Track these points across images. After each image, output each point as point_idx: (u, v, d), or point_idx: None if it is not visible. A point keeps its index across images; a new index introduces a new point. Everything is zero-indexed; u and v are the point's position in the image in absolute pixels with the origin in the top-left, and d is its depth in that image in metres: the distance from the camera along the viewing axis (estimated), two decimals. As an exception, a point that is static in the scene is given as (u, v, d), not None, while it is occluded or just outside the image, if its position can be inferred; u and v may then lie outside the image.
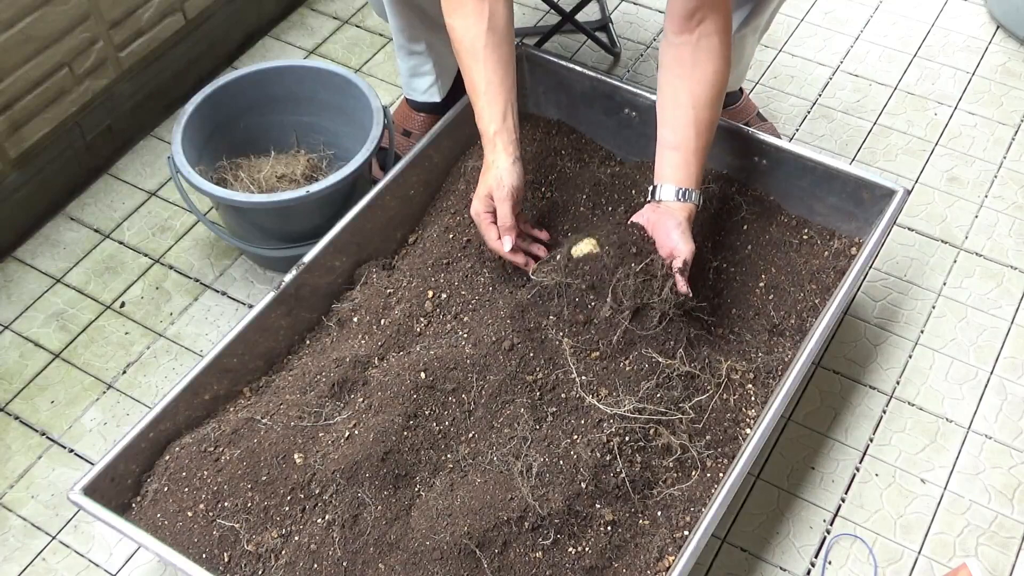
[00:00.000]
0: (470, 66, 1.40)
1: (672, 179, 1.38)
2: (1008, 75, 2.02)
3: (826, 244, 1.56)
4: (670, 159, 1.40)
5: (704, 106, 1.39)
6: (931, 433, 1.52)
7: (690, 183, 1.38)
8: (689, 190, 1.37)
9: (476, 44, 1.38)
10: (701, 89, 1.39)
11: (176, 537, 1.24)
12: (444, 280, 1.47)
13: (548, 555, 1.21)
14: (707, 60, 1.38)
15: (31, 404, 1.57)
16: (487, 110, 1.38)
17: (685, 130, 1.38)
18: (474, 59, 1.39)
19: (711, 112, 1.39)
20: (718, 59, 1.39)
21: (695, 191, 1.38)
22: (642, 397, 1.29)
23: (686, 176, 1.38)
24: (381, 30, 2.13)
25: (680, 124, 1.39)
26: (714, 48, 1.38)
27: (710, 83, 1.39)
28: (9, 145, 1.68)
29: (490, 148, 1.39)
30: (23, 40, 1.62)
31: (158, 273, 1.73)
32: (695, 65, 1.39)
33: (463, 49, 1.40)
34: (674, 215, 1.36)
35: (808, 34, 2.12)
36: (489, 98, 1.38)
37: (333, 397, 1.34)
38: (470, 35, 1.39)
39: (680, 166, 1.38)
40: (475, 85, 1.40)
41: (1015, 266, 1.72)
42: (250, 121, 1.76)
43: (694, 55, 1.38)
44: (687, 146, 1.38)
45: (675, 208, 1.37)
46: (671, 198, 1.37)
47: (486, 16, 1.38)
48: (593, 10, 2.14)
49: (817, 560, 1.40)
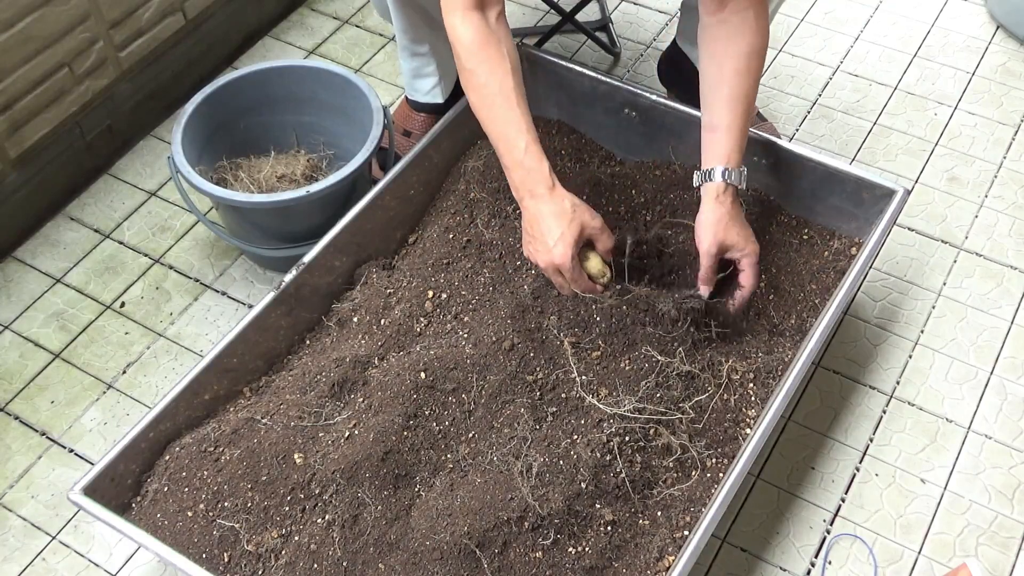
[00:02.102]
0: (504, 108, 1.33)
1: (707, 161, 1.39)
2: (1008, 75, 2.02)
3: (826, 244, 1.56)
4: (707, 142, 1.40)
5: (736, 75, 1.37)
6: (931, 433, 1.52)
7: (723, 160, 1.37)
8: (722, 169, 1.37)
9: (505, 85, 1.33)
10: (733, 63, 1.38)
11: (176, 537, 1.24)
12: (444, 280, 1.47)
13: (548, 555, 1.21)
14: (740, 34, 1.37)
15: (31, 404, 1.57)
16: (534, 146, 1.32)
17: (719, 107, 1.38)
18: (508, 100, 1.33)
19: (745, 81, 1.38)
20: (752, 32, 1.38)
21: (732, 169, 1.37)
22: (642, 397, 1.29)
23: (720, 154, 1.38)
24: (381, 30, 2.13)
25: (715, 102, 1.39)
26: (747, 21, 1.37)
27: (744, 54, 1.38)
28: (9, 145, 1.68)
29: (545, 185, 1.32)
30: (23, 40, 1.62)
31: (158, 273, 1.73)
32: (728, 41, 1.38)
33: (491, 93, 1.34)
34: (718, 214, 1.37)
35: (808, 34, 2.12)
36: (534, 135, 1.33)
37: (333, 397, 1.34)
38: (496, 78, 1.33)
39: (712, 145, 1.39)
40: (519, 125, 1.33)
41: (1015, 266, 1.72)
42: (250, 121, 1.76)
43: (728, 33, 1.38)
44: (721, 123, 1.38)
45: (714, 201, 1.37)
46: (709, 181, 1.37)
47: (508, 62, 1.34)
48: (593, 10, 2.14)
49: (817, 560, 1.40)
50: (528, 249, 1.36)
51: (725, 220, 1.37)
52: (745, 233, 1.39)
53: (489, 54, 1.33)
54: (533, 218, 1.33)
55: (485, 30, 1.34)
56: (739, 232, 1.39)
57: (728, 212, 1.37)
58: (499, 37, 1.35)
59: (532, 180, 1.32)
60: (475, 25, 1.33)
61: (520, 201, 1.35)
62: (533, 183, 1.32)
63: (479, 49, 1.33)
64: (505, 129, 1.33)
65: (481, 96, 1.34)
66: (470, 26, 1.33)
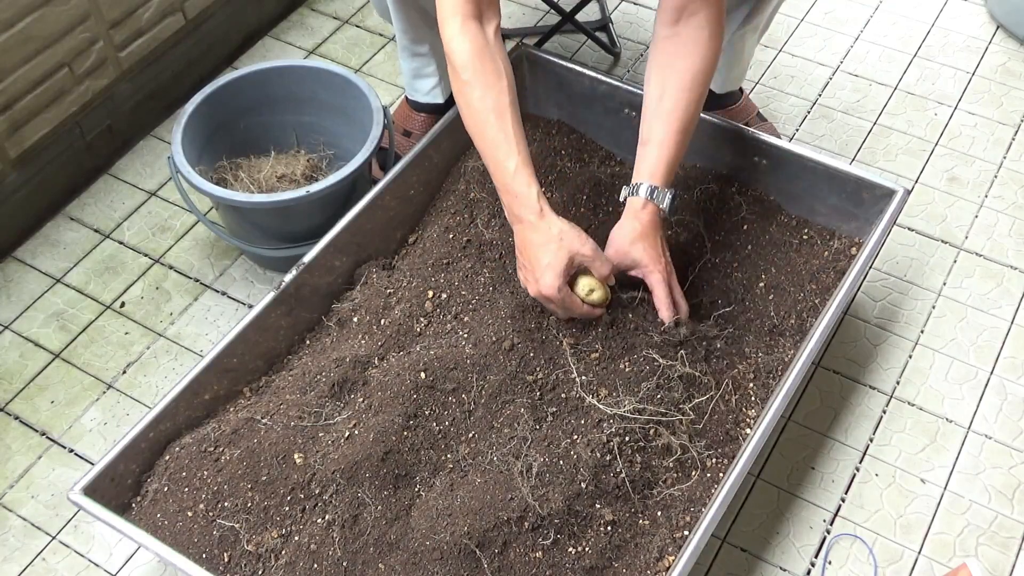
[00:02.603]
0: (497, 126, 1.29)
1: (635, 175, 1.36)
2: (1008, 75, 2.02)
3: (826, 244, 1.56)
4: (638, 156, 1.37)
5: (678, 92, 1.35)
6: (931, 433, 1.52)
7: (648, 176, 1.34)
8: (647, 186, 1.33)
9: (501, 102, 1.30)
10: (677, 79, 1.35)
11: (176, 537, 1.24)
12: (444, 280, 1.47)
13: (548, 555, 1.21)
14: (689, 53, 1.35)
15: (31, 404, 1.57)
16: (523, 168, 1.28)
17: (655, 121, 1.36)
18: (502, 118, 1.29)
19: (685, 98, 1.35)
20: (702, 51, 1.35)
21: (657, 187, 1.34)
22: (642, 397, 1.29)
23: (646, 170, 1.35)
24: (381, 30, 2.13)
25: (651, 116, 1.37)
26: (701, 40, 1.35)
27: (689, 72, 1.35)
28: (9, 145, 1.68)
29: (533, 211, 1.28)
30: (23, 40, 1.62)
31: (158, 273, 1.73)
32: (676, 57, 1.36)
33: (485, 109, 1.30)
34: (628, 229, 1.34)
35: (808, 34, 2.12)
36: (526, 156, 1.30)
37: (333, 397, 1.34)
38: (492, 94, 1.30)
39: (642, 159, 1.36)
40: (510, 145, 1.29)
41: (1015, 266, 1.72)
42: (250, 121, 1.76)
43: (676, 48, 1.36)
44: (653, 138, 1.36)
45: (631, 216, 1.34)
46: (635, 196, 1.35)
47: (504, 80, 1.31)
48: (593, 10, 2.14)
49: (817, 560, 1.40)
50: (520, 275, 1.34)
51: (633, 236, 1.33)
52: (653, 253, 1.33)
53: (485, 68, 1.30)
54: (522, 245, 1.30)
55: (482, 43, 1.31)
56: (646, 250, 1.33)
57: (641, 229, 1.33)
58: (495, 52, 1.32)
59: (519, 206, 1.29)
60: (472, 37, 1.30)
61: (512, 226, 1.33)
62: (520, 209, 1.29)
63: (476, 63, 1.30)
64: (495, 149, 1.29)
65: (474, 111, 1.31)
66: (467, 38, 1.30)
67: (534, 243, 1.28)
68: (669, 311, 1.33)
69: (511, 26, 2.14)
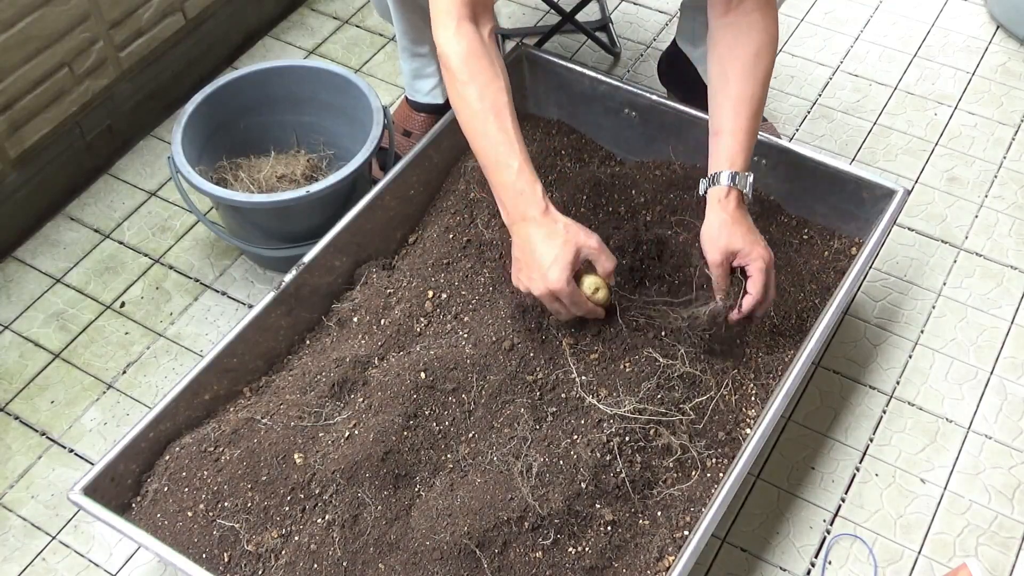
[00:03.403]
0: (496, 126, 1.28)
1: (712, 166, 1.35)
2: (1008, 75, 2.02)
3: (826, 244, 1.56)
4: (712, 147, 1.37)
5: (742, 78, 1.34)
6: (931, 433, 1.52)
7: (727, 164, 1.33)
8: (728, 173, 1.32)
9: (499, 101, 1.28)
10: (738, 65, 1.35)
11: (176, 537, 1.24)
12: (444, 280, 1.47)
13: (548, 555, 1.21)
14: (746, 36, 1.35)
15: (31, 404, 1.57)
16: (526, 167, 1.27)
17: (723, 111, 1.36)
18: (501, 117, 1.28)
19: (750, 84, 1.34)
20: (758, 33, 1.35)
21: (738, 172, 1.32)
22: (642, 397, 1.29)
23: (723, 158, 1.34)
24: (381, 30, 2.13)
25: (719, 106, 1.36)
26: (754, 23, 1.35)
27: (749, 56, 1.34)
28: (9, 145, 1.68)
29: (538, 208, 1.25)
30: (23, 40, 1.62)
31: (158, 273, 1.73)
32: (735, 43, 1.35)
33: (484, 109, 1.28)
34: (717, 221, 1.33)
35: (808, 34, 2.12)
36: (526, 155, 1.28)
37: (333, 397, 1.34)
38: (491, 93, 1.28)
39: (716, 150, 1.36)
40: (512, 145, 1.27)
41: (1015, 266, 1.72)
42: (250, 121, 1.76)
43: (734, 35, 1.35)
44: (725, 127, 1.35)
45: (716, 207, 1.33)
46: (716, 185, 1.33)
47: (501, 80, 1.30)
48: (593, 10, 2.14)
49: (817, 560, 1.40)
50: (519, 278, 1.29)
51: (728, 226, 1.32)
52: (751, 238, 1.32)
53: (483, 68, 1.29)
54: (524, 243, 1.27)
55: (479, 45, 1.29)
56: (744, 237, 1.32)
57: (731, 217, 1.32)
58: (491, 53, 1.31)
59: (524, 203, 1.26)
60: (469, 39, 1.29)
61: (510, 226, 1.29)
62: (525, 206, 1.26)
63: (473, 64, 1.28)
64: (496, 149, 1.27)
65: (473, 112, 1.29)
66: (464, 39, 1.29)
67: (538, 238, 1.25)
68: (761, 300, 1.32)
69: (511, 26, 2.14)
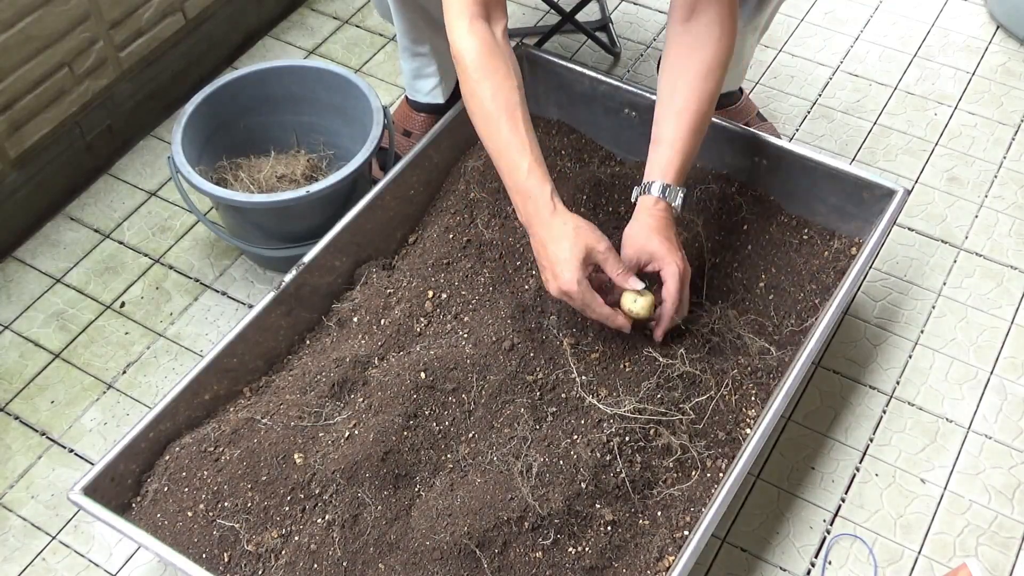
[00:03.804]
0: (509, 126, 1.28)
1: (647, 174, 1.34)
2: (1008, 75, 2.02)
3: (826, 244, 1.56)
4: (650, 155, 1.36)
5: (689, 90, 1.33)
6: (931, 433, 1.52)
7: (660, 175, 1.32)
8: (660, 184, 1.32)
9: (512, 100, 1.28)
10: (689, 76, 1.34)
11: (176, 537, 1.25)
12: (444, 280, 1.47)
13: (548, 555, 1.21)
14: (701, 47, 1.34)
15: (31, 404, 1.57)
16: (537, 168, 1.27)
17: (666, 120, 1.35)
18: (513, 118, 1.28)
19: (697, 96, 1.33)
20: (714, 46, 1.33)
21: (669, 185, 1.32)
22: (642, 397, 1.29)
23: (658, 169, 1.33)
24: (381, 30, 2.13)
25: (663, 115, 1.36)
26: (712, 37, 1.34)
27: (701, 67, 1.33)
28: (9, 145, 1.68)
29: (547, 209, 1.26)
30: (23, 40, 1.62)
31: (158, 273, 1.73)
32: (690, 52, 1.34)
33: (496, 109, 1.28)
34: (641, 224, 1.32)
35: (808, 34, 2.12)
36: (538, 155, 1.28)
37: (333, 397, 1.34)
38: (504, 92, 1.29)
39: (653, 159, 1.35)
40: (523, 145, 1.28)
41: (1015, 266, 1.72)
42: (250, 121, 1.76)
43: (690, 43, 1.35)
44: (665, 136, 1.34)
45: (643, 212, 1.32)
46: (647, 194, 1.33)
47: (514, 79, 1.30)
48: (593, 10, 2.14)
49: (817, 560, 1.40)
50: (544, 277, 1.30)
51: (647, 230, 1.31)
52: (669, 246, 1.30)
53: (496, 67, 1.29)
54: (540, 245, 1.28)
55: (492, 43, 1.30)
56: (662, 243, 1.30)
57: (655, 223, 1.31)
58: (505, 51, 1.31)
59: (535, 206, 1.27)
60: (481, 37, 1.29)
61: (526, 227, 1.31)
62: (536, 209, 1.27)
63: (486, 62, 1.29)
64: (508, 149, 1.28)
65: (485, 112, 1.29)
66: (476, 37, 1.29)
67: (548, 240, 1.27)
68: (674, 307, 1.31)
69: (511, 26, 2.14)
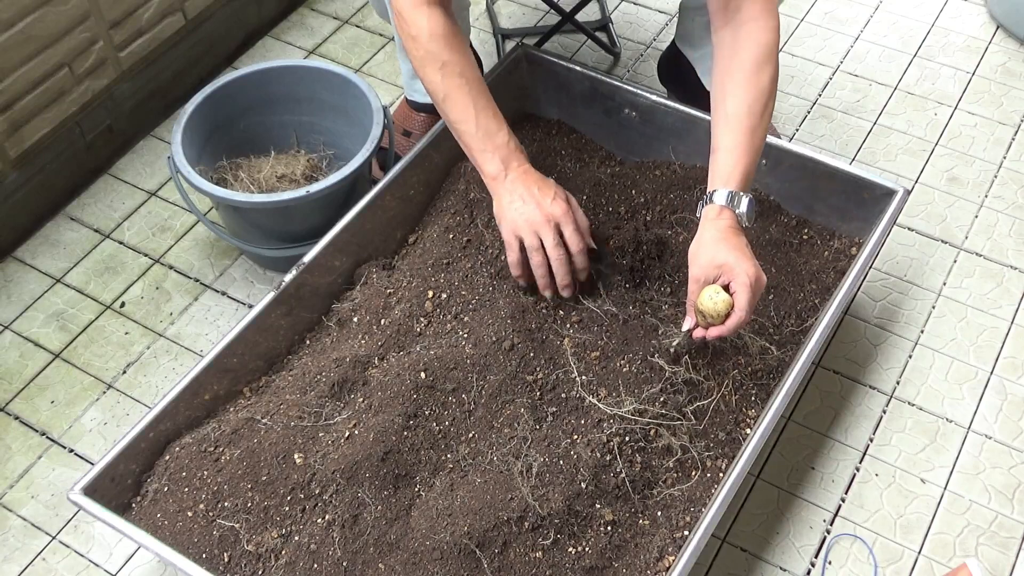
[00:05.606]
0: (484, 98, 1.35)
1: (709, 184, 1.31)
2: (1008, 75, 2.02)
3: (826, 244, 1.56)
4: (710, 165, 1.32)
5: (738, 92, 1.30)
6: (931, 433, 1.52)
7: (721, 183, 1.28)
8: (726, 192, 1.27)
9: (478, 76, 1.34)
10: (738, 78, 1.31)
11: (176, 537, 1.25)
12: (444, 280, 1.47)
13: (548, 555, 1.21)
14: (744, 48, 1.32)
15: (31, 404, 1.57)
16: (513, 138, 1.35)
17: (719, 128, 1.32)
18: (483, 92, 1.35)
19: (746, 97, 1.30)
20: (755, 43, 1.31)
21: (734, 192, 1.27)
22: (642, 398, 1.29)
23: (718, 177, 1.30)
24: (381, 30, 2.13)
25: (716, 123, 1.33)
26: (752, 34, 1.31)
27: (746, 66, 1.31)
28: (9, 145, 1.68)
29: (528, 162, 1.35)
30: (23, 40, 1.62)
31: (158, 273, 1.73)
32: (735, 55, 1.32)
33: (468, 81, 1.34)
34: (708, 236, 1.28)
35: (808, 34, 2.12)
36: (509, 129, 1.35)
37: (333, 397, 1.34)
38: (471, 70, 1.34)
39: (713, 168, 1.31)
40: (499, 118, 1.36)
41: (1015, 266, 1.72)
42: (250, 121, 1.76)
43: (735, 44, 1.33)
44: (720, 144, 1.31)
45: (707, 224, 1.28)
46: (709, 204, 1.29)
47: (472, 55, 1.35)
48: (593, 10, 2.14)
49: (817, 560, 1.40)
50: (511, 218, 1.33)
51: (716, 241, 1.26)
52: (737, 255, 1.24)
53: (461, 44, 1.36)
54: (519, 180, 1.34)
55: (452, 23, 1.36)
56: (731, 252, 1.24)
57: (721, 233, 1.26)
58: (460, 32, 1.37)
59: (517, 158, 1.36)
60: (442, 18, 1.35)
61: (500, 179, 1.35)
62: (518, 160, 1.36)
63: (452, 39, 1.35)
64: (485, 118, 1.35)
65: (457, 85, 1.34)
66: (438, 19, 1.35)
67: (535, 179, 1.35)
68: (746, 318, 1.23)
69: (511, 26, 2.14)
